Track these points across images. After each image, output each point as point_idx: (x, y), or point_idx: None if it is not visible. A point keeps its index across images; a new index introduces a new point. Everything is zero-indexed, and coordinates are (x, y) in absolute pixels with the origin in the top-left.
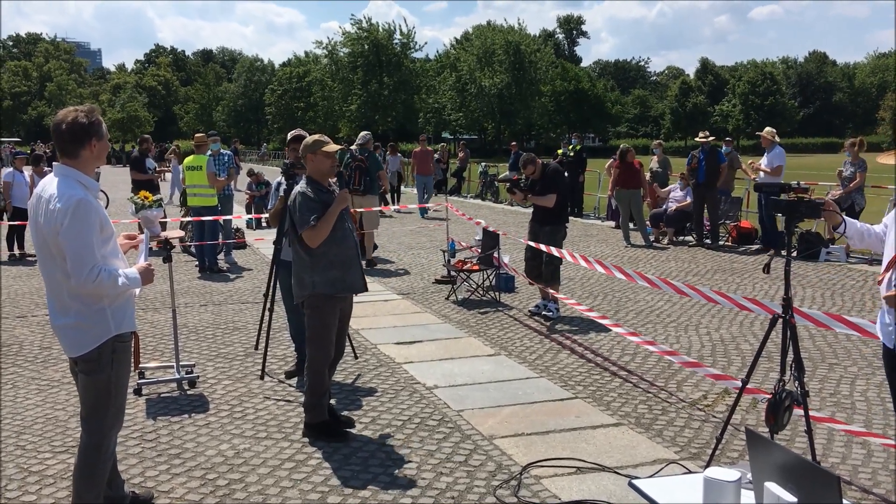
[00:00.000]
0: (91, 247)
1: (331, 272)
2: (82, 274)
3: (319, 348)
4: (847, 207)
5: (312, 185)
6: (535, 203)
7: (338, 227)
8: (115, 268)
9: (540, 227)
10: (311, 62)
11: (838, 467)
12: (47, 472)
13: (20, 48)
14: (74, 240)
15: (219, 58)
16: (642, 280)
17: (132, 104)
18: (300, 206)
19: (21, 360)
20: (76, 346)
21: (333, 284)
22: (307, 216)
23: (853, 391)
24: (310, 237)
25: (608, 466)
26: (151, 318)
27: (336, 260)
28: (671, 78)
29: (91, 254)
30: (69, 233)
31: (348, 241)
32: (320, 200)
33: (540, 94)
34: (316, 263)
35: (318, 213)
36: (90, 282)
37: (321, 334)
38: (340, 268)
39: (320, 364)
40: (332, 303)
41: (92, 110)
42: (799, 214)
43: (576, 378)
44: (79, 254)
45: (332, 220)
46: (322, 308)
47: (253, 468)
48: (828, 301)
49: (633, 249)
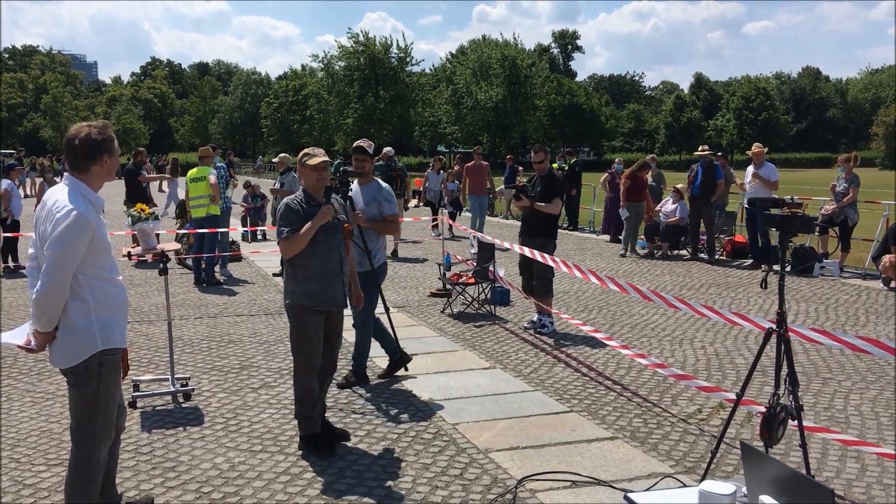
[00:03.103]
0: (69, 263)
1: (311, 284)
2: (46, 283)
3: (300, 359)
4: (840, 222)
5: (305, 198)
6: (541, 210)
7: (321, 241)
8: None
9: (530, 240)
10: (307, 75)
11: (833, 481)
12: (41, 485)
13: (16, 60)
14: (56, 248)
15: (215, 70)
16: (635, 292)
17: (128, 116)
18: (280, 216)
19: (15, 372)
20: (63, 358)
21: (313, 297)
22: (282, 228)
23: (847, 405)
24: (283, 248)
25: (603, 480)
26: (146, 331)
27: (317, 272)
28: (665, 93)
29: (66, 268)
30: (56, 241)
31: (332, 255)
32: (305, 213)
33: (535, 108)
34: (297, 275)
35: (294, 226)
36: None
37: (301, 345)
38: (321, 281)
39: (302, 374)
40: (312, 315)
41: (105, 127)
42: (793, 229)
43: (571, 391)
44: (55, 263)
45: (309, 234)
46: (300, 319)
47: (248, 481)
48: (822, 316)
49: (627, 263)
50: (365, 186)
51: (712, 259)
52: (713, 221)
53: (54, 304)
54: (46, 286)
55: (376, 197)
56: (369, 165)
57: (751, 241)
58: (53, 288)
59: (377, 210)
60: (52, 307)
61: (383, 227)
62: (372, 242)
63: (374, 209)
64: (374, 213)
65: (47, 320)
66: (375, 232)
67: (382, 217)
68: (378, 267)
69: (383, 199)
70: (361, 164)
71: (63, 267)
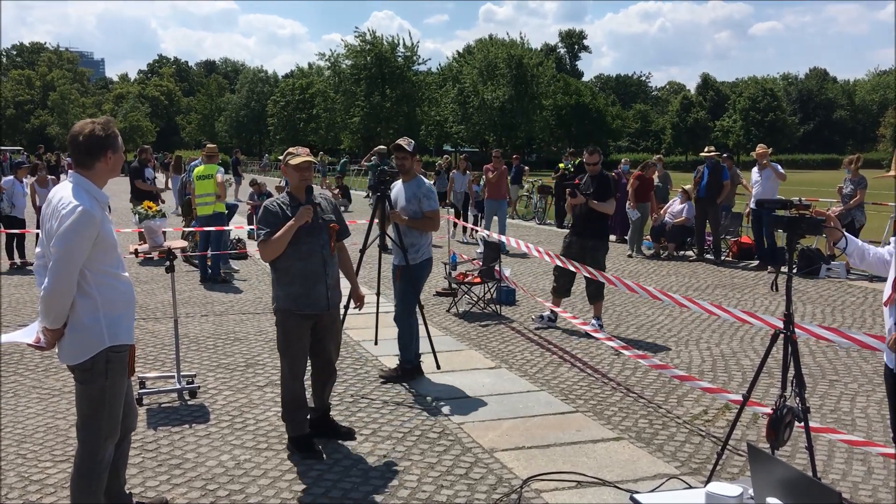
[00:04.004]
0: (75, 259)
1: (292, 288)
2: (53, 280)
3: (284, 363)
4: (847, 224)
5: (290, 199)
6: (596, 209)
7: (302, 242)
8: (117, 281)
9: (582, 242)
10: (313, 74)
11: (839, 483)
12: (48, 481)
13: (23, 57)
14: (62, 245)
15: (222, 68)
16: (642, 291)
17: (134, 114)
18: (259, 218)
19: (22, 368)
20: (70, 355)
21: (295, 301)
22: (260, 230)
23: (853, 407)
24: (261, 251)
25: (609, 481)
26: (152, 328)
27: (298, 275)
28: (672, 93)
29: (73, 264)
30: (62, 237)
31: (314, 257)
32: (286, 215)
33: (541, 108)
34: (279, 278)
35: (273, 228)
36: (56, 289)
37: (285, 349)
38: (302, 284)
39: (286, 377)
40: (296, 319)
41: (108, 123)
42: (800, 231)
43: (576, 392)
44: (61, 259)
45: (288, 236)
46: (284, 323)
47: (253, 479)
48: (828, 317)
49: (633, 263)
50: (407, 184)
51: (718, 260)
52: (719, 222)
53: (62, 300)
54: (53, 283)
55: (416, 194)
56: (409, 163)
57: (757, 243)
58: (60, 284)
59: (417, 206)
60: (59, 304)
61: (423, 223)
62: (411, 238)
63: (414, 206)
64: (415, 210)
65: (55, 317)
66: (416, 229)
67: (423, 213)
68: (417, 263)
69: (423, 196)
70: (402, 161)
71: (70, 263)
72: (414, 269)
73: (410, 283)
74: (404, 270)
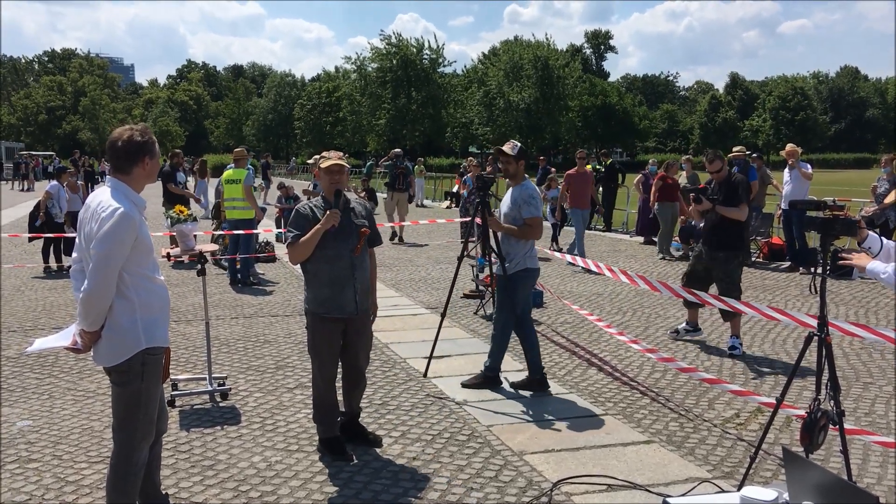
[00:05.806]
0: (115, 260)
1: (321, 291)
2: (93, 282)
3: (314, 366)
4: (881, 224)
5: (323, 202)
6: (726, 215)
7: (329, 246)
8: (153, 284)
9: (712, 253)
10: (340, 77)
11: (874, 487)
12: (83, 482)
13: (55, 63)
14: (103, 247)
15: (249, 73)
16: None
17: (164, 119)
18: (290, 220)
19: (57, 370)
20: (107, 357)
21: (323, 304)
22: (289, 232)
23: (888, 410)
24: (290, 254)
25: (640, 484)
26: (184, 331)
27: (325, 279)
28: (700, 93)
29: (113, 266)
30: (102, 240)
31: (342, 260)
32: (316, 218)
33: (567, 109)
34: (309, 281)
35: (301, 231)
36: (96, 291)
37: (314, 353)
38: (330, 287)
39: (317, 379)
40: (325, 323)
41: (146, 129)
42: (834, 232)
43: (605, 395)
44: (102, 261)
45: (315, 240)
46: (313, 326)
47: (285, 480)
48: (861, 319)
49: (662, 265)
50: (514, 188)
51: (749, 261)
52: (749, 223)
53: (101, 302)
54: (94, 284)
55: (516, 200)
56: (513, 167)
57: (788, 244)
58: (101, 286)
59: (517, 213)
60: (99, 305)
61: (521, 231)
62: (508, 246)
63: (515, 212)
64: (516, 216)
65: (94, 319)
66: (514, 237)
67: (522, 220)
68: (514, 273)
69: (522, 202)
70: (506, 166)
71: (110, 264)
72: (510, 278)
73: (506, 294)
74: (500, 280)
